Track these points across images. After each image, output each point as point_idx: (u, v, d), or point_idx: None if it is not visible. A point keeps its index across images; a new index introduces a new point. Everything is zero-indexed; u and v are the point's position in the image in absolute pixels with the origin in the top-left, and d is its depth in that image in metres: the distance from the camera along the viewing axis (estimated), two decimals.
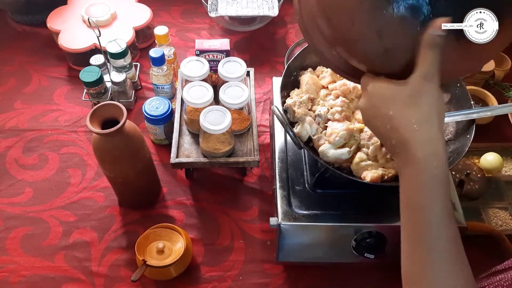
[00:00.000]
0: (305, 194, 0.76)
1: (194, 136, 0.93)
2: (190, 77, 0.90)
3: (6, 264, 0.83)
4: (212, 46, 0.99)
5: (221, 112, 0.84)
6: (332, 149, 0.71)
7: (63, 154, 1.00)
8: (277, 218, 0.73)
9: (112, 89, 1.03)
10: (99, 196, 0.93)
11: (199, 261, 0.85)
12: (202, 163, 0.88)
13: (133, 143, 0.77)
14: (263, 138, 1.03)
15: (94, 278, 0.82)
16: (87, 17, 1.08)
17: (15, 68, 1.18)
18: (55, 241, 0.87)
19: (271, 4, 1.23)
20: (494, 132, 1.05)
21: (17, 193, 0.93)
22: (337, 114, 0.73)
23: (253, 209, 0.92)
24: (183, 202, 0.93)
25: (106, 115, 0.73)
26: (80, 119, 1.07)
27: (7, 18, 1.29)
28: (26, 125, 1.05)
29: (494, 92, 1.08)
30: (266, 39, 1.27)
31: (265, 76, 1.17)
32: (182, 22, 1.31)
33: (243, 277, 0.83)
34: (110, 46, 1.00)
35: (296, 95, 0.77)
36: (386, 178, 0.69)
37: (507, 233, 0.85)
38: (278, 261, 0.82)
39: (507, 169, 0.96)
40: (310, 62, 0.84)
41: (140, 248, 0.79)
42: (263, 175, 0.97)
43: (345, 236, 0.74)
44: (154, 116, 0.92)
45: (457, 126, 0.76)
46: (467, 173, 0.90)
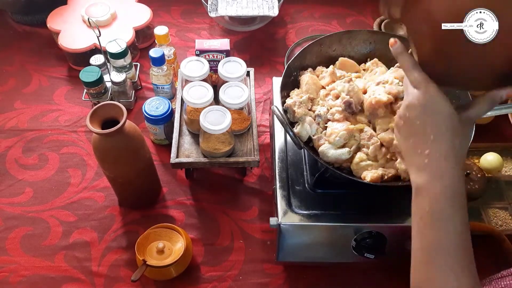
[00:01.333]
0: (305, 194, 0.76)
1: (194, 136, 0.93)
2: (190, 77, 0.90)
3: (6, 264, 0.83)
4: (212, 46, 0.99)
5: (221, 112, 0.84)
6: (332, 149, 0.71)
7: (63, 154, 1.00)
8: (277, 218, 0.73)
9: (112, 89, 1.03)
10: (99, 196, 0.93)
11: (199, 261, 0.85)
12: (202, 163, 0.88)
13: (133, 143, 0.77)
14: (263, 138, 1.03)
15: (94, 278, 0.82)
16: (87, 17, 1.08)
17: (15, 68, 1.18)
18: (55, 241, 0.87)
19: (271, 4, 1.23)
20: (494, 132, 1.05)
21: (17, 193, 0.93)
22: (337, 114, 0.73)
23: (253, 209, 0.92)
24: (183, 202, 0.93)
25: (106, 115, 0.73)
26: (80, 119, 1.07)
27: (7, 18, 1.29)
28: (26, 125, 1.05)
29: None
30: (266, 39, 1.27)
31: (265, 76, 1.17)
32: (182, 22, 1.31)
33: (243, 277, 0.83)
34: (110, 46, 1.00)
35: (296, 95, 0.78)
36: (386, 178, 0.69)
37: (507, 233, 0.85)
38: (278, 261, 0.82)
39: (507, 169, 0.96)
40: (310, 62, 0.84)
41: (140, 248, 0.79)
42: (263, 175, 0.97)
43: (345, 236, 0.74)
44: (154, 116, 0.92)
45: None
46: (467, 173, 0.90)
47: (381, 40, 0.85)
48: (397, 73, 0.76)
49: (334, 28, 1.31)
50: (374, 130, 0.72)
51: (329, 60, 0.86)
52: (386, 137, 0.70)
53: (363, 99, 0.73)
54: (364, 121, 0.73)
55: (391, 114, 0.72)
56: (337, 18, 1.34)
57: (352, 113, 0.73)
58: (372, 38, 0.85)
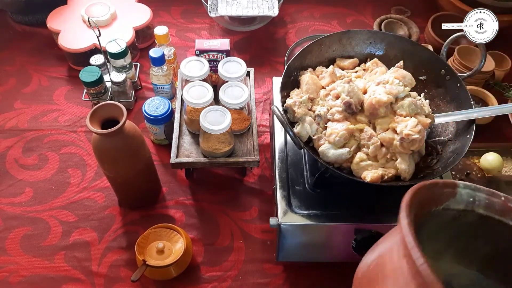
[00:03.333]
0: (305, 194, 0.76)
1: (194, 136, 0.93)
2: (190, 77, 0.90)
3: (6, 264, 0.83)
4: (212, 46, 0.99)
5: (221, 112, 0.84)
6: (332, 149, 0.71)
7: (63, 154, 1.00)
8: (277, 218, 0.73)
9: (112, 89, 1.03)
10: (99, 196, 0.93)
11: (199, 261, 0.85)
12: (202, 163, 0.88)
13: (133, 143, 0.77)
14: (263, 138, 1.03)
15: (94, 278, 0.82)
16: (87, 17, 1.08)
17: (15, 68, 1.18)
18: (55, 241, 0.87)
19: (271, 4, 1.23)
20: (494, 132, 1.05)
21: (17, 193, 0.93)
22: (337, 114, 0.73)
23: (253, 209, 0.92)
24: (183, 202, 0.93)
25: (106, 115, 0.73)
26: (80, 119, 1.07)
27: (7, 18, 1.29)
28: (26, 125, 1.05)
29: (494, 92, 1.09)
30: (266, 39, 1.27)
31: (265, 76, 1.17)
32: (182, 22, 1.31)
33: (243, 277, 0.83)
34: (110, 46, 1.00)
35: (296, 95, 0.78)
36: (386, 178, 0.69)
37: None
38: (278, 261, 0.82)
39: (507, 169, 0.96)
40: (310, 62, 0.84)
41: (140, 248, 0.79)
42: (263, 175, 0.97)
43: (345, 236, 0.74)
44: (154, 116, 0.92)
45: (457, 126, 0.76)
46: (467, 173, 0.90)
47: (381, 40, 0.85)
48: (397, 73, 0.76)
49: (334, 28, 1.31)
50: (374, 130, 0.72)
51: (329, 60, 0.86)
52: (386, 137, 0.70)
53: (363, 99, 0.73)
54: (364, 121, 0.73)
55: (391, 114, 0.72)
56: (337, 18, 1.34)
57: (352, 113, 0.73)
58: (372, 38, 0.85)
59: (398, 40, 0.85)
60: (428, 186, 0.50)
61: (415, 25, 1.26)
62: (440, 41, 1.16)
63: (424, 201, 0.49)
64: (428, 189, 0.49)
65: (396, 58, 0.83)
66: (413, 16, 1.32)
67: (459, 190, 0.52)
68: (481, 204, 0.52)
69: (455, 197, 0.52)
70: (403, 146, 0.69)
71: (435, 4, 1.34)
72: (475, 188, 0.52)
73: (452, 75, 0.77)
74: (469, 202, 0.52)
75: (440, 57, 0.80)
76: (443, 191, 0.51)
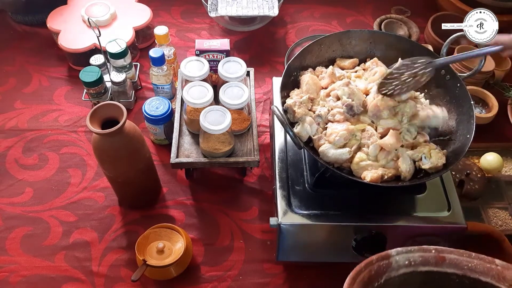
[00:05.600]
0: (305, 194, 0.76)
1: (194, 136, 0.93)
2: (190, 77, 0.90)
3: (6, 264, 0.83)
4: (212, 46, 0.99)
5: (221, 112, 0.84)
6: (332, 149, 0.71)
7: (63, 154, 1.00)
8: (277, 218, 0.73)
9: (112, 89, 1.03)
10: (99, 196, 0.93)
11: (199, 261, 0.85)
12: (202, 163, 0.88)
13: (133, 143, 0.77)
14: (263, 138, 1.03)
15: (94, 278, 0.82)
16: (87, 17, 1.08)
17: (15, 68, 1.18)
18: (55, 241, 0.87)
19: (271, 4, 1.23)
20: (494, 132, 1.05)
21: (17, 193, 0.93)
22: (338, 115, 0.73)
23: (253, 209, 0.92)
24: (183, 202, 0.93)
25: (106, 115, 0.73)
26: (80, 119, 1.07)
27: (7, 18, 1.29)
28: (26, 125, 1.05)
29: (494, 92, 1.09)
30: (266, 39, 1.27)
31: (265, 76, 1.17)
32: (182, 22, 1.31)
33: (243, 277, 0.83)
34: (110, 46, 1.00)
35: (296, 95, 0.77)
36: (386, 178, 0.69)
37: (507, 233, 0.84)
38: (278, 261, 0.82)
39: (507, 169, 0.96)
40: (310, 62, 0.84)
41: (140, 248, 0.79)
42: (263, 175, 0.97)
43: (345, 236, 0.74)
44: (154, 116, 0.92)
45: (457, 126, 0.76)
46: (467, 173, 0.90)
47: (381, 40, 0.85)
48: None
49: (334, 28, 1.31)
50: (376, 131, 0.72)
51: (329, 60, 0.86)
52: (388, 144, 0.70)
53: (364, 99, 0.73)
54: (367, 121, 0.73)
55: (394, 116, 0.72)
56: (337, 18, 1.34)
57: (353, 115, 0.73)
58: (372, 38, 0.85)
59: (398, 40, 0.85)
60: (364, 266, 0.52)
61: (415, 25, 1.26)
62: (440, 41, 1.16)
63: (366, 282, 0.51)
64: (365, 268, 0.51)
65: (396, 58, 0.83)
66: (413, 16, 1.32)
67: (393, 258, 0.54)
68: (417, 262, 0.54)
69: (392, 265, 0.54)
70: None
71: (435, 4, 1.34)
72: (407, 251, 0.54)
73: (452, 75, 0.77)
74: (406, 265, 0.54)
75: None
76: (380, 265, 0.53)
